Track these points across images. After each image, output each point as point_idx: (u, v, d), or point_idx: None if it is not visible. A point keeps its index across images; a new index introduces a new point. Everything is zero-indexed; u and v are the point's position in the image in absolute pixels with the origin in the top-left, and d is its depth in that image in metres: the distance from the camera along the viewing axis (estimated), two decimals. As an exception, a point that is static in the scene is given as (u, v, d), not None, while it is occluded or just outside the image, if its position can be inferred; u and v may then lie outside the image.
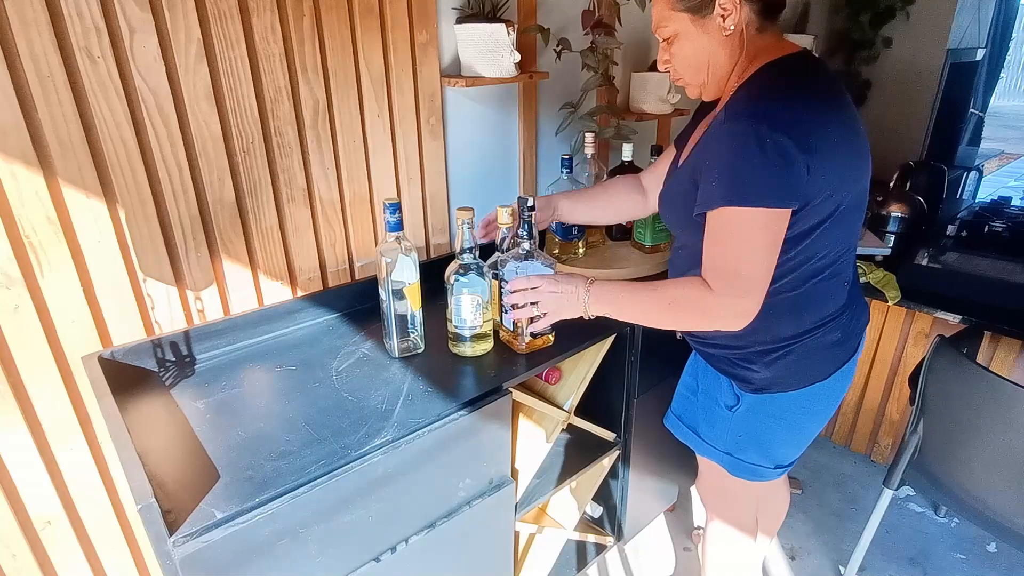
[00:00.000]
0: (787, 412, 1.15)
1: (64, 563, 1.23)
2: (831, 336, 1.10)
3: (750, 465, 1.21)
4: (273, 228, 1.32)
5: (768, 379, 1.12)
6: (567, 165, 1.63)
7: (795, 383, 1.12)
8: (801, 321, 1.08)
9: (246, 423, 1.05)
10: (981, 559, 1.82)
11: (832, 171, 0.94)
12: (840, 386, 1.16)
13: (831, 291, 1.08)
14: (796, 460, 1.25)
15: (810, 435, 1.22)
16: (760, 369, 1.12)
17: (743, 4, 0.95)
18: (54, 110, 1.01)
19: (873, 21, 2.58)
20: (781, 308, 1.05)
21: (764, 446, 1.19)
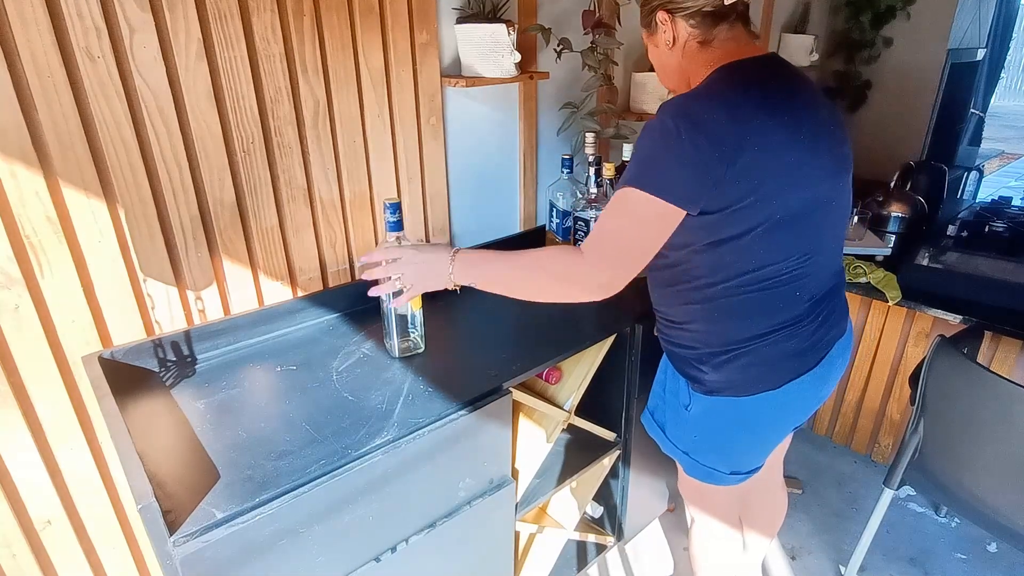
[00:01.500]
0: (740, 418, 1.13)
1: (64, 563, 1.23)
2: (784, 345, 1.06)
3: (705, 467, 1.19)
4: (273, 228, 1.32)
5: (718, 382, 1.10)
6: (567, 165, 1.64)
7: (745, 389, 1.09)
8: (750, 325, 1.05)
9: (246, 423, 1.05)
10: (981, 559, 1.82)
11: (757, 178, 0.92)
12: (801, 397, 1.12)
13: (783, 299, 1.04)
14: (757, 468, 1.21)
15: (769, 444, 1.19)
16: (709, 371, 1.10)
17: (675, 19, 1.00)
18: (54, 110, 1.01)
19: (873, 21, 2.58)
20: (729, 310, 1.05)
21: (721, 450, 1.18)
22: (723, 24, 0.99)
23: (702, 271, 1.03)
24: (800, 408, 1.16)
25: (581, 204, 1.57)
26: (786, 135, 0.94)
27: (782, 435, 1.21)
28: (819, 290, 1.08)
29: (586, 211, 1.55)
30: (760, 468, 1.21)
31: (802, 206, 0.98)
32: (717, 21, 0.99)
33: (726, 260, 1.00)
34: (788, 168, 0.94)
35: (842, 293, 1.17)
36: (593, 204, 1.55)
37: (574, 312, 1.49)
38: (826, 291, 1.10)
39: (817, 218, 1.01)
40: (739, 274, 1.01)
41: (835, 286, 1.13)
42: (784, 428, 1.19)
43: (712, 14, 0.98)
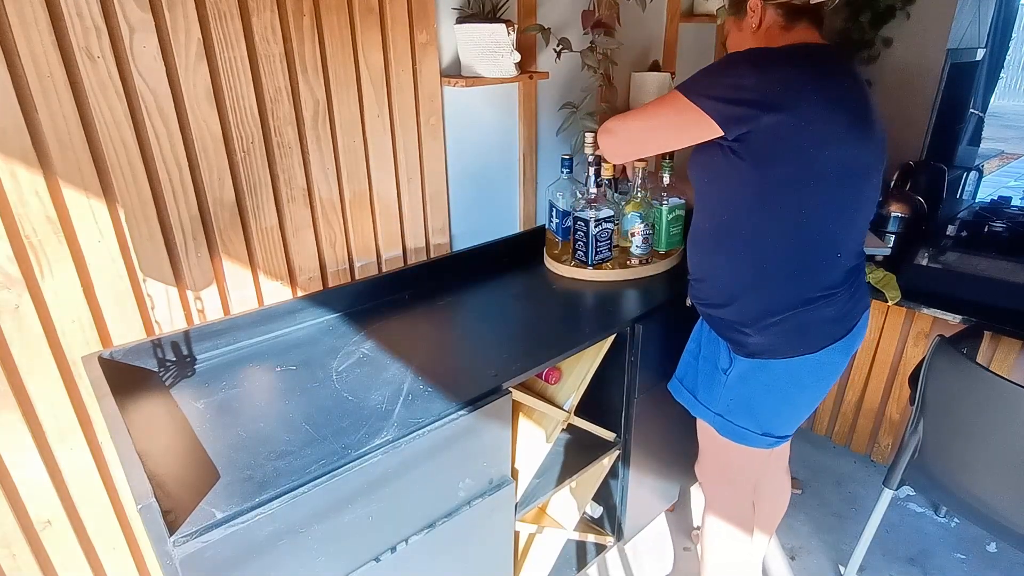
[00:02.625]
0: (777, 380, 1.20)
1: (64, 563, 1.23)
2: (826, 311, 1.15)
3: (739, 428, 1.26)
4: (273, 228, 1.32)
5: (760, 345, 1.18)
6: (567, 165, 1.64)
7: (786, 352, 1.17)
8: (799, 291, 1.14)
9: (246, 423, 1.05)
10: (981, 559, 1.82)
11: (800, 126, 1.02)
12: (832, 363, 1.20)
13: (825, 261, 1.13)
14: (788, 436, 1.29)
15: (800, 408, 1.26)
16: (753, 334, 1.18)
17: (765, 8, 1.13)
18: (54, 110, 1.01)
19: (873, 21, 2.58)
20: (774, 272, 1.14)
21: (754, 411, 1.25)
22: (804, 19, 1.12)
23: (745, 231, 1.13)
24: (830, 374, 1.22)
25: (581, 204, 1.57)
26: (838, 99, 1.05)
27: (814, 401, 1.27)
28: (852, 261, 1.17)
29: (585, 211, 1.55)
30: (788, 438, 1.29)
31: (842, 170, 1.07)
32: (799, 15, 1.12)
33: (774, 214, 1.10)
34: (838, 127, 1.04)
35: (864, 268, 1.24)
36: (593, 204, 1.55)
37: (574, 312, 1.50)
38: (856, 264, 1.18)
39: (854, 187, 1.10)
40: (780, 234, 1.11)
41: (861, 262, 1.21)
42: (816, 393, 1.24)
43: (797, 8, 1.11)
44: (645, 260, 1.66)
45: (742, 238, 1.14)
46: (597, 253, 1.60)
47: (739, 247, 1.16)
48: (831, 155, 1.05)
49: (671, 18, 1.98)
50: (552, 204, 1.67)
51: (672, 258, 1.71)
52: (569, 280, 1.63)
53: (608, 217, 1.57)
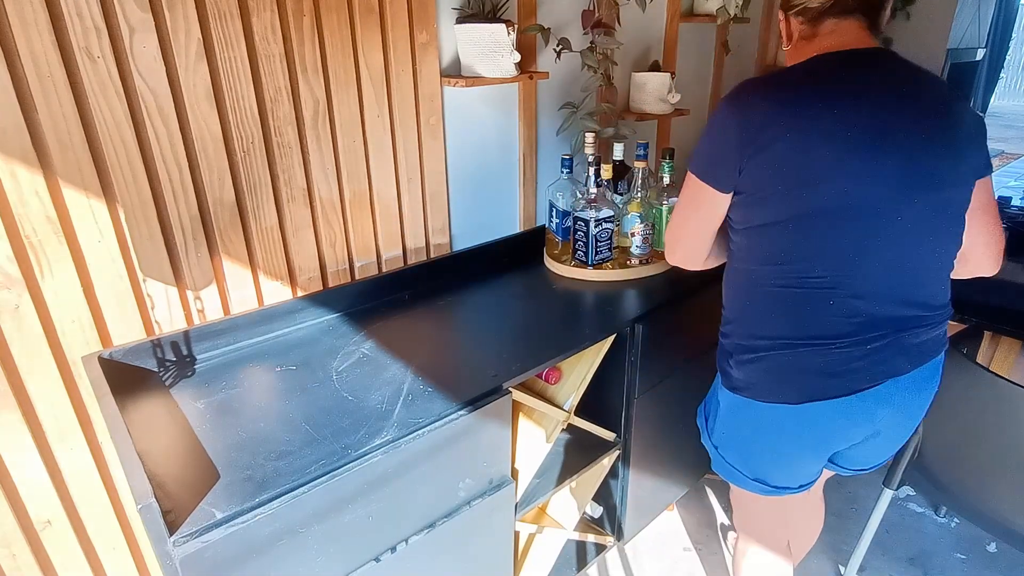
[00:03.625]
0: (761, 423, 1.10)
1: (64, 563, 1.23)
2: (812, 360, 1.01)
3: (728, 465, 1.19)
4: (273, 228, 1.32)
5: (740, 380, 1.10)
6: (567, 165, 1.64)
7: (767, 394, 1.07)
8: (775, 324, 1.03)
9: (246, 423, 1.05)
10: (981, 559, 1.82)
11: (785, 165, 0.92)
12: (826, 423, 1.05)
13: (813, 306, 0.99)
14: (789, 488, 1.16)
15: (792, 460, 1.13)
16: (734, 367, 1.10)
17: (789, 18, 1.04)
18: (54, 110, 1.01)
19: (873, 21, 2.59)
20: (757, 299, 1.05)
21: (742, 451, 1.17)
22: (829, 19, 0.99)
23: (741, 253, 1.06)
24: (827, 434, 1.08)
25: (581, 204, 1.57)
26: (834, 127, 0.91)
27: (807, 457, 1.13)
28: (872, 312, 0.99)
29: (586, 211, 1.55)
30: (794, 490, 1.16)
31: (840, 207, 0.93)
32: (822, 16, 1.00)
33: (759, 245, 1.02)
34: (826, 162, 0.92)
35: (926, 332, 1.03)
36: (593, 204, 1.55)
37: (574, 312, 1.50)
38: (889, 318, 1.00)
39: (865, 227, 0.95)
40: (768, 263, 1.01)
41: (910, 318, 1.01)
42: (807, 450, 1.11)
43: (817, 10, 0.99)
44: (645, 260, 1.66)
45: (735, 265, 1.08)
46: (597, 253, 1.60)
47: (732, 274, 1.10)
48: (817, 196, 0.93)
49: (671, 18, 1.98)
50: (552, 204, 1.67)
51: (672, 258, 1.71)
52: (569, 280, 1.63)
53: (608, 217, 1.57)
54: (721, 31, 2.18)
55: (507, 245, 1.75)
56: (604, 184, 1.58)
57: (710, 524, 1.97)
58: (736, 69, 2.34)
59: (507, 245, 1.75)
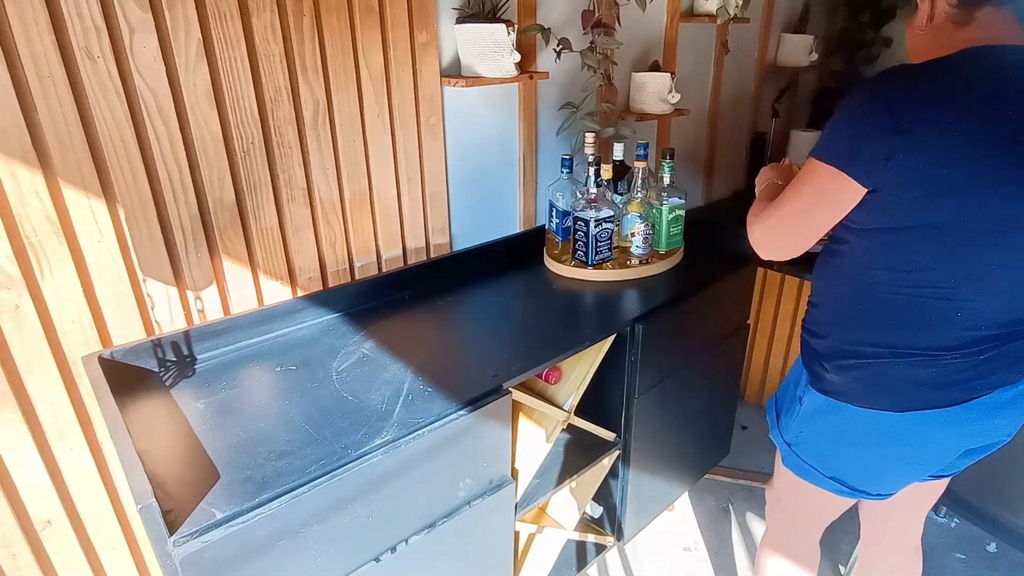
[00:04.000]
0: (851, 428, 1.05)
1: (64, 563, 1.23)
2: (919, 372, 0.97)
3: (804, 464, 1.14)
4: (273, 228, 1.32)
5: (836, 384, 1.05)
6: (567, 165, 1.64)
7: (864, 400, 1.02)
8: (883, 333, 0.99)
9: (246, 423, 1.05)
10: (981, 559, 1.82)
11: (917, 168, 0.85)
12: (925, 433, 1.01)
13: (933, 315, 0.95)
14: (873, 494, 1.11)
15: (883, 466, 1.09)
16: (831, 371, 1.05)
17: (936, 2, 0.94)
18: (54, 110, 1.01)
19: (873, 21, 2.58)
20: (871, 303, 1.00)
21: (823, 453, 1.12)
22: (987, 6, 0.89)
23: (856, 254, 0.99)
24: (925, 446, 1.04)
25: (581, 204, 1.57)
26: (976, 134, 0.84)
27: (904, 465, 1.08)
28: (989, 325, 0.95)
29: (585, 211, 1.55)
30: (877, 496, 1.12)
31: (981, 219, 0.88)
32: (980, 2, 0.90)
33: (883, 249, 0.96)
34: (961, 172, 0.85)
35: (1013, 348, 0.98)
36: (593, 204, 1.55)
37: (574, 312, 1.50)
38: (1001, 330, 0.96)
39: (1003, 241, 0.89)
40: (891, 268, 0.96)
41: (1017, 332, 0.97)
42: (901, 461, 1.07)
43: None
44: (645, 260, 1.66)
45: (845, 267, 1.02)
46: (597, 253, 1.60)
47: (838, 274, 1.04)
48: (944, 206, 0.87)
49: (671, 18, 1.98)
50: (552, 204, 1.67)
51: (672, 258, 1.71)
52: (569, 280, 1.63)
53: (608, 217, 1.57)
54: (721, 31, 2.18)
55: (507, 245, 1.75)
56: (604, 184, 1.58)
57: (710, 524, 1.97)
58: (736, 69, 2.34)
59: (507, 245, 1.75)
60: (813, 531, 1.29)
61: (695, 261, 1.75)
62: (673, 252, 1.72)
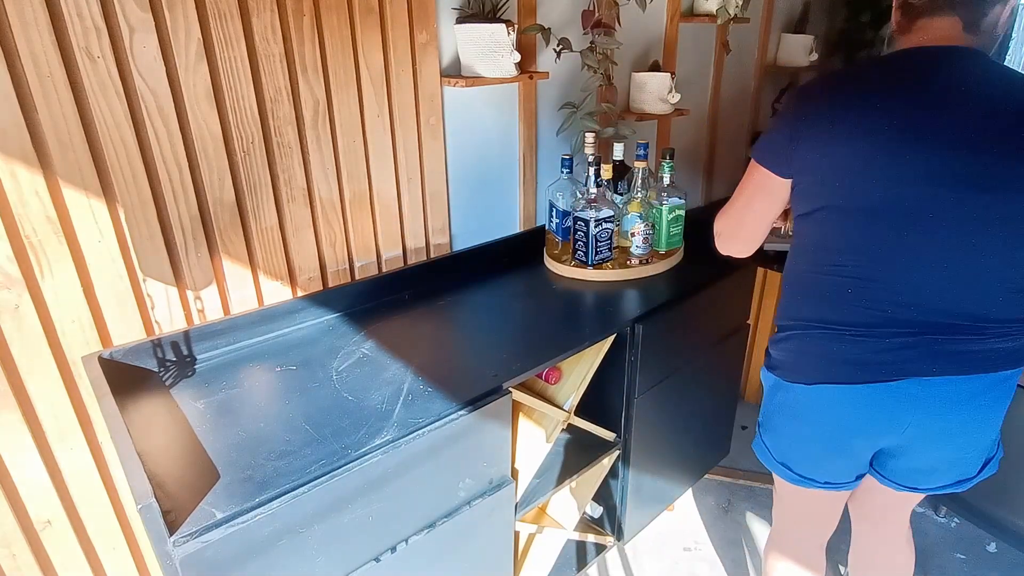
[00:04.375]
0: (786, 404, 1.14)
1: (64, 563, 1.23)
2: (829, 344, 1.04)
3: (761, 443, 1.24)
4: (273, 228, 1.32)
5: (774, 360, 1.15)
6: (567, 165, 1.64)
7: (790, 374, 1.11)
8: (799, 307, 1.10)
9: (246, 423, 1.05)
10: (981, 559, 1.82)
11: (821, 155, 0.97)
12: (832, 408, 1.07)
13: (835, 292, 1.02)
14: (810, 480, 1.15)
15: (806, 446, 1.14)
16: (772, 348, 1.16)
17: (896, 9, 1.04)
18: (54, 110, 1.01)
19: (873, 21, 2.58)
20: (791, 282, 1.13)
21: (774, 433, 1.20)
22: (923, 17, 0.97)
23: (796, 240, 1.11)
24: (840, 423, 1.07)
25: (581, 204, 1.57)
26: (878, 123, 0.92)
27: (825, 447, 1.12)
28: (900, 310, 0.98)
29: (585, 211, 1.55)
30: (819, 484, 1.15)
31: (869, 204, 0.95)
32: (919, 13, 0.98)
33: (800, 233, 1.08)
34: (857, 158, 0.94)
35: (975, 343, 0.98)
36: (593, 204, 1.55)
37: (574, 312, 1.50)
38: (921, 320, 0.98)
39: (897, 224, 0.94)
40: (805, 250, 1.08)
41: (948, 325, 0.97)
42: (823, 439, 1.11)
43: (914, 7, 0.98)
44: (645, 260, 1.66)
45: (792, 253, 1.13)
46: (597, 253, 1.60)
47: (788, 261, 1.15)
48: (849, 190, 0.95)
49: (671, 18, 1.98)
50: (552, 204, 1.67)
51: (672, 258, 1.71)
52: (569, 280, 1.63)
53: (608, 217, 1.57)
54: (721, 31, 2.18)
55: (507, 245, 1.75)
56: (604, 184, 1.58)
57: (710, 524, 1.97)
58: (736, 69, 2.34)
59: (507, 245, 1.75)
60: (805, 529, 1.30)
61: (695, 261, 1.75)
62: (673, 252, 1.72)
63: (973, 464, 1.10)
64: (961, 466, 1.10)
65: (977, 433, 1.06)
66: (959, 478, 1.11)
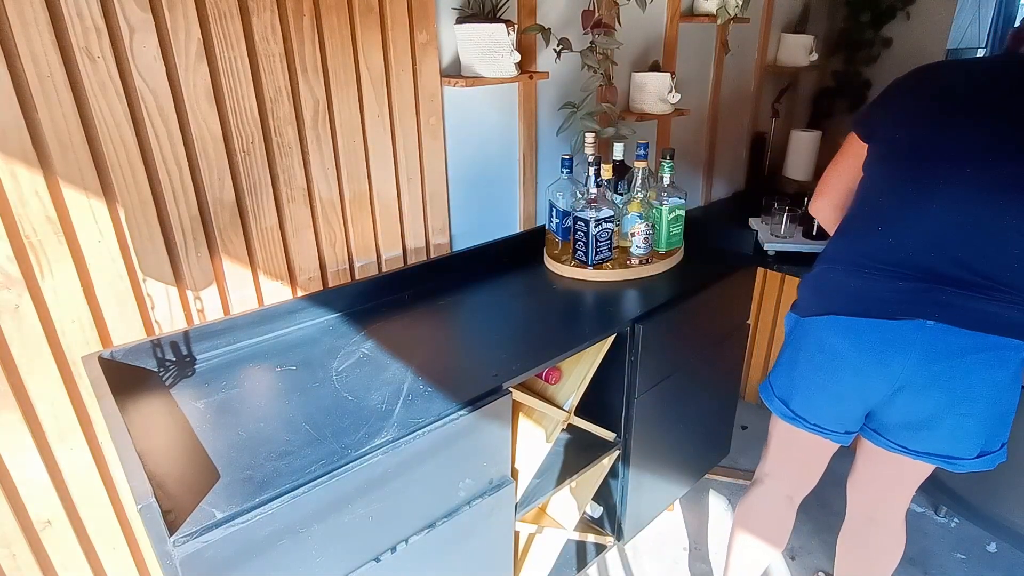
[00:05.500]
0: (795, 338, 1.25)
1: (64, 563, 1.23)
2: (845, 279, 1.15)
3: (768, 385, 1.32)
4: (273, 228, 1.32)
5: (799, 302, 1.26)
6: (567, 165, 1.64)
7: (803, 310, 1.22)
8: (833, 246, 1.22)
9: (246, 423, 1.05)
10: (981, 559, 1.82)
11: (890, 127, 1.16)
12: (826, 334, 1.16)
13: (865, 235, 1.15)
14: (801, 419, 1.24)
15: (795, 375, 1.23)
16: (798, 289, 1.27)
17: None
18: (54, 110, 1.01)
19: (873, 21, 2.58)
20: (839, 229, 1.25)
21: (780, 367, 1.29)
22: None
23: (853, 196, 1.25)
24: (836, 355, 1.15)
25: (581, 204, 1.57)
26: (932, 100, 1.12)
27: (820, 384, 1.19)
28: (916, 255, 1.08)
29: (586, 211, 1.55)
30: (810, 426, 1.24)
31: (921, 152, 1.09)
32: None
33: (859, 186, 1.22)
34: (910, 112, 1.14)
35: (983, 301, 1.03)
36: (593, 204, 1.55)
37: (574, 312, 1.50)
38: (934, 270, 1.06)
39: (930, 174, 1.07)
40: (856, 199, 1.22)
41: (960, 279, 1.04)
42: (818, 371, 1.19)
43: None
44: (645, 260, 1.66)
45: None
46: (597, 253, 1.60)
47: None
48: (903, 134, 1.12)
49: (671, 18, 1.98)
50: (552, 204, 1.67)
51: (672, 258, 1.71)
52: (569, 280, 1.63)
53: (608, 217, 1.57)
54: (721, 31, 2.18)
55: (507, 245, 1.75)
56: (604, 184, 1.58)
57: (710, 524, 1.97)
58: (736, 69, 2.34)
59: (507, 245, 1.75)
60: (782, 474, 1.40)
61: (695, 261, 1.75)
62: (673, 252, 1.72)
63: (966, 440, 1.11)
64: (952, 434, 1.11)
65: (964, 395, 1.07)
66: (950, 452, 1.12)
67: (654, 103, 1.89)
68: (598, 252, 1.60)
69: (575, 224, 1.59)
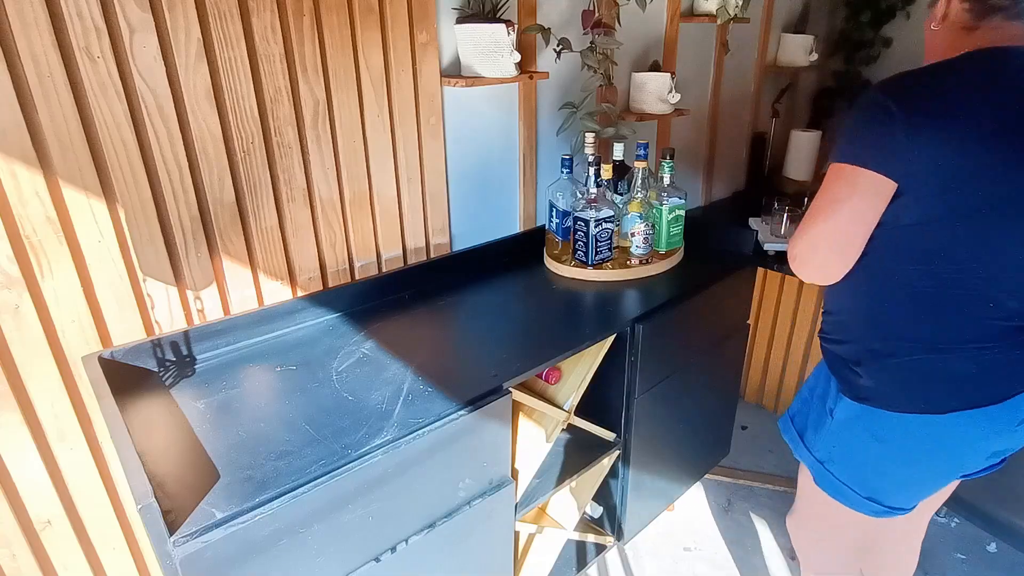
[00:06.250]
0: (888, 436, 1.02)
1: (64, 563, 1.23)
2: (958, 365, 0.96)
3: (838, 482, 1.10)
4: (273, 228, 1.32)
5: (871, 389, 1.02)
6: (567, 165, 1.64)
7: (900, 403, 0.99)
8: (919, 328, 0.98)
9: (246, 423, 1.05)
10: (981, 559, 1.82)
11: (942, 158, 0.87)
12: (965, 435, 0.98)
13: (964, 310, 0.94)
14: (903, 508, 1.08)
15: (918, 478, 1.06)
16: (864, 375, 1.03)
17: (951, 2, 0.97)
18: (54, 110, 1.01)
19: (873, 21, 2.58)
20: (901, 303, 0.98)
21: (858, 467, 1.08)
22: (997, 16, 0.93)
23: (879, 252, 0.98)
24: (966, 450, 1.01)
25: (581, 204, 1.57)
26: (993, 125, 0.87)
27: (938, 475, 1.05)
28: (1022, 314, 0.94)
29: (585, 211, 1.55)
30: (907, 511, 1.08)
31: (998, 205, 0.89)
32: (991, 11, 0.93)
33: (907, 243, 0.95)
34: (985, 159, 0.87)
35: None
36: (593, 204, 1.55)
37: (574, 312, 1.50)
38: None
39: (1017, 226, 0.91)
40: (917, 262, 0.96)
41: None
42: (940, 467, 1.04)
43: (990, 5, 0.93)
44: (645, 260, 1.66)
45: (871, 265, 1.00)
46: (597, 253, 1.60)
47: (867, 276, 1.01)
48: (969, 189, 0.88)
49: (671, 18, 1.98)
50: (552, 204, 1.67)
51: (672, 258, 1.71)
52: (569, 280, 1.63)
53: (608, 217, 1.57)
54: (721, 31, 2.18)
55: (507, 245, 1.75)
56: (604, 184, 1.58)
57: (710, 524, 1.97)
58: (736, 69, 2.34)
59: (507, 245, 1.75)
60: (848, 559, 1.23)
61: (695, 261, 1.75)
62: (673, 252, 1.72)
63: None
64: None
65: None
66: None
67: (654, 103, 1.89)
68: (598, 252, 1.60)
69: (575, 224, 1.60)
